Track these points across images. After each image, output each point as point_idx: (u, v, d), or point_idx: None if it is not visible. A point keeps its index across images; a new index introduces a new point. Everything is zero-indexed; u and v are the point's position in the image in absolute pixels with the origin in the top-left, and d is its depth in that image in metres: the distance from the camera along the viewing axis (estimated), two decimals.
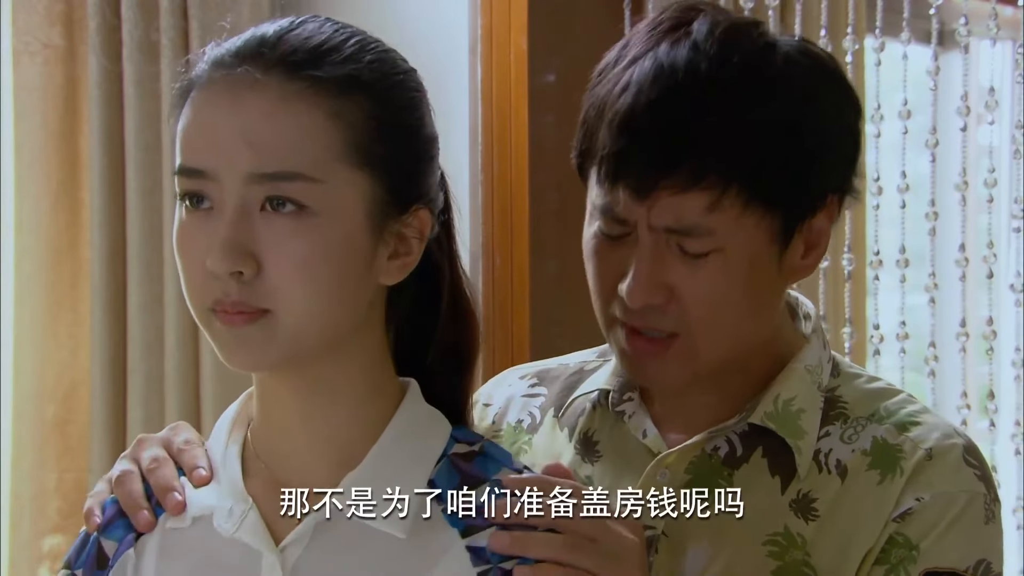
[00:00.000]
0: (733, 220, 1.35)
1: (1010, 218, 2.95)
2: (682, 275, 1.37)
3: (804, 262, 1.43)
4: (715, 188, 1.34)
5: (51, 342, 2.74)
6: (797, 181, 1.37)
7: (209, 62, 1.23)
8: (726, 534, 1.39)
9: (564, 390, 1.55)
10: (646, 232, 1.36)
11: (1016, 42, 3.07)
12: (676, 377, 1.41)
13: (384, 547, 1.22)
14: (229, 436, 1.30)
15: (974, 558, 1.36)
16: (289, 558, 1.22)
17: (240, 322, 1.19)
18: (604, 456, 1.48)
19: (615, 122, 1.36)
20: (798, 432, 1.41)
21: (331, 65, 1.20)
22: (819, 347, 1.47)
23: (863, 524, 1.38)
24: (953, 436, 1.42)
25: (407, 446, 1.25)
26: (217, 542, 1.25)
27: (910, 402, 1.45)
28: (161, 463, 1.30)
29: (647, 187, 1.34)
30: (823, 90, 1.40)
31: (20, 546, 2.71)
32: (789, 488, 1.40)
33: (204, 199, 1.20)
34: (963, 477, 1.39)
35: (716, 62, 1.35)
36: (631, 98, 1.35)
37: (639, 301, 1.37)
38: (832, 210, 1.42)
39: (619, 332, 1.41)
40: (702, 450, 1.43)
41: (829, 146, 1.39)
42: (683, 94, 1.34)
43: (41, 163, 2.72)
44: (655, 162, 1.34)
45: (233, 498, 1.25)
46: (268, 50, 1.20)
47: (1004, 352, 3.04)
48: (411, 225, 1.24)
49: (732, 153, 1.34)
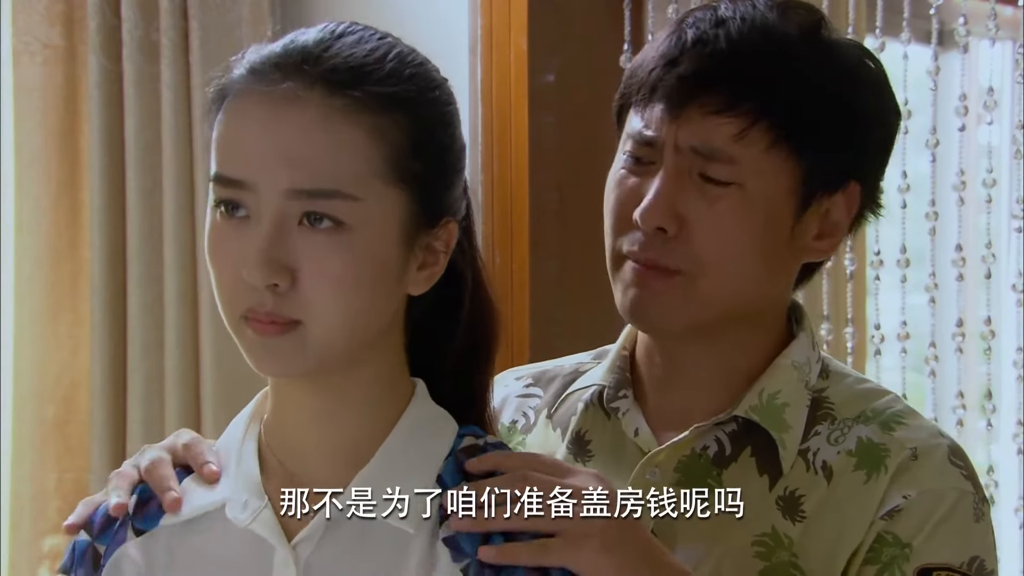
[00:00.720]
0: (758, 154, 1.37)
1: (1010, 218, 2.95)
2: (698, 207, 1.38)
3: (815, 244, 1.44)
4: (746, 117, 1.37)
5: (51, 342, 2.74)
6: (825, 140, 1.40)
7: (248, 69, 1.23)
8: (715, 535, 1.39)
9: (559, 391, 1.55)
10: (672, 152, 1.39)
11: (1015, 42, 3.08)
12: (674, 319, 1.41)
13: (395, 544, 1.23)
14: (246, 432, 1.31)
15: (967, 555, 1.37)
16: (301, 554, 1.23)
17: (272, 333, 1.20)
18: (596, 455, 1.48)
19: (662, 50, 1.41)
20: (782, 425, 1.42)
21: (373, 84, 1.21)
22: (807, 345, 1.47)
23: (849, 525, 1.38)
24: (938, 437, 1.42)
25: (416, 445, 1.26)
26: (227, 536, 1.25)
27: (897, 403, 1.46)
28: (158, 464, 1.30)
29: (681, 102, 1.38)
30: (868, 77, 1.44)
31: (20, 546, 2.71)
32: (776, 485, 1.40)
33: (239, 207, 1.21)
34: (949, 475, 1.39)
35: (773, 17, 1.40)
36: (680, 34, 1.41)
37: (652, 221, 1.39)
38: (852, 201, 1.44)
39: (625, 268, 1.42)
40: (692, 449, 1.43)
41: (861, 127, 1.42)
42: (733, 32, 1.39)
43: (41, 163, 2.72)
44: (693, 78, 1.37)
45: (248, 492, 1.26)
46: (311, 66, 1.21)
47: (1004, 352, 3.04)
48: (440, 237, 1.26)
49: (770, 89, 1.37)
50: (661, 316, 1.42)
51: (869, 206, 1.47)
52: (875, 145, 1.45)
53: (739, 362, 1.45)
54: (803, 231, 1.42)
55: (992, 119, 2.67)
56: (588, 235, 1.45)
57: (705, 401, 1.45)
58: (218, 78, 1.26)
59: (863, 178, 1.44)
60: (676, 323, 1.42)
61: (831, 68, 1.41)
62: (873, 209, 1.47)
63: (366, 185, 1.20)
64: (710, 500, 1.32)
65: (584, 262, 1.44)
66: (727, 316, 1.42)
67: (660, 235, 1.39)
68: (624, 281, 1.42)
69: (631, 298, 1.41)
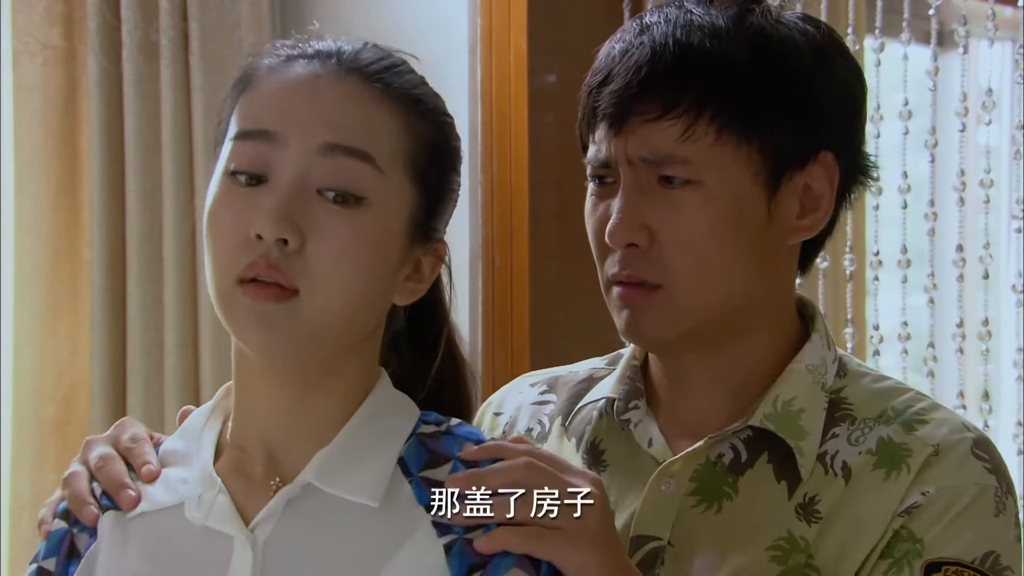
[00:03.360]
0: (707, 149, 1.36)
1: (1010, 219, 2.95)
2: (662, 214, 1.37)
3: (800, 223, 1.42)
4: (687, 116, 1.36)
5: (51, 343, 2.74)
6: (771, 118, 1.38)
7: (280, 56, 1.26)
8: (732, 542, 1.38)
9: (572, 398, 1.55)
10: (626, 167, 1.38)
11: (1015, 43, 3.08)
12: (665, 332, 1.40)
13: (355, 520, 1.23)
14: (205, 425, 1.31)
15: (981, 550, 1.35)
16: (260, 536, 1.23)
17: (267, 297, 1.19)
18: (611, 465, 1.47)
19: (595, 69, 1.42)
20: (799, 433, 1.40)
21: (403, 83, 1.25)
22: (821, 346, 1.46)
23: (867, 522, 1.37)
24: (962, 431, 1.40)
25: (377, 426, 1.26)
26: (186, 529, 1.25)
27: (919, 400, 1.44)
28: (108, 461, 1.31)
29: (620, 117, 1.37)
30: (812, 45, 1.41)
31: (20, 546, 2.71)
32: (796, 492, 1.39)
33: (256, 177, 1.20)
34: (971, 470, 1.37)
35: (699, 12, 1.39)
36: (609, 50, 1.42)
37: (621, 239, 1.38)
38: (831, 173, 1.42)
39: (613, 292, 1.42)
40: (707, 457, 1.42)
41: (815, 95, 1.40)
42: (657, 36, 1.39)
43: (41, 163, 2.72)
44: (625, 90, 1.37)
45: (203, 484, 1.26)
46: (347, 58, 1.24)
47: (1003, 352, 3.04)
48: (429, 255, 1.28)
49: (702, 83, 1.36)
50: (653, 331, 1.41)
51: (854, 173, 1.45)
52: (834, 108, 1.42)
53: (751, 367, 1.44)
54: (782, 212, 1.40)
55: (991, 120, 2.67)
56: (587, 235, 1.45)
57: (718, 408, 1.44)
58: (244, 66, 1.27)
59: (833, 145, 1.42)
60: (667, 336, 1.41)
61: (762, 45, 1.39)
62: (862, 175, 1.46)
63: (392, 166, 1.22)
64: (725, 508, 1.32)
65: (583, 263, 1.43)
66: (722, 321, 1.40)
67: (634, 251, 1.39)
68: (615, 304, 1.42)
69: (624, 319, 1.41)
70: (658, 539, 1.40)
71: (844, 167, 1.43)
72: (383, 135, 1.22)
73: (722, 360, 1.44)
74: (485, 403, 1.62)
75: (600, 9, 2.76)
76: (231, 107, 1.25)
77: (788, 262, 1.45)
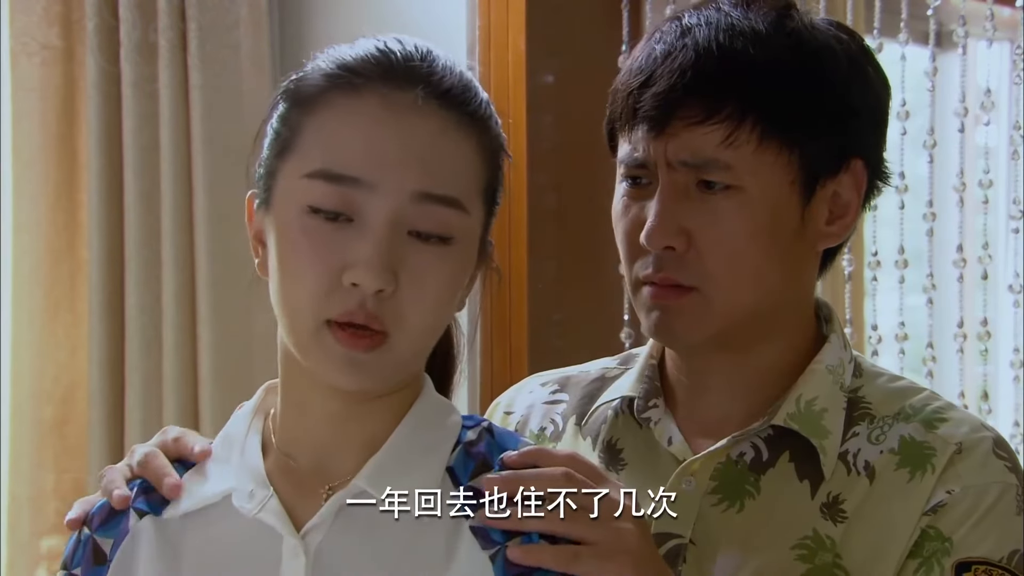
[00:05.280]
0: (750, 155, 1.37)
1: (1008, 219, 2.95)
2: (701, 218, 1.38)
3: (829, 229, 1.43)
4: (730, 121, 1.36)
5: (49, 343, 2.74)
6: (813, 125, 1.39)
7: (345, 69, 1.23)
8: (754, 540, 1.39)
9: (585, 397, 1.55)
10: (665, 170, 1.38)
11: (1013, 43, 3.08)
12: (696, 333, 1.41)
13: (407, 531, 1.22)
14: (249, 426, 1.31)
15: (1007, 549, 1.36)
16: (311, 543, 1.23)
17: (361, 347, 1.19)
18: (629, 464, 1.48)
19: (635, 69, 1.40)
20: (822, 432, 1.41)
21: (475, 104, 1.25)
22: (839, 347, 1.47)
23: (895, 523, 1.37)
24: (981, 430, 1.42)
25: (425, 435, 1.27)
26: (234, 526, 1.25)
27: (934, 399, 1.45)
28: (151, 457, 1.30)
29: (662, 120, 1.37)
30: (846, 52, 1.42)
31: (18, 547, 2.70)
32: (819, 492, 1.40)
33: (341, 215, 1.19)
34: (993, 469, 1.38)
35: (738, 15, 1.39)
36: (650, 51, 1.40)
37: (658, 242, 1.38)
38: (859, 179, 1.43)
39: (643, 292, 1.41)
40: (727, 456, 1.43)
41: (851, 104, 1.41)
42: (700, 39, 1.38)
43: (39, 164, 2.71)
44: (668, 93, 1.37)
45: (254, 483, 1.26)
46: (422, 78, 1.22)
47: (1002, 353, 3.04)
48: (483, 266, 1.29)
49: (746, 88, 1.36)
50: (684, 332, 1.41)
51: (876, 180, 1.47)
52: (867, 117, 1.44)
53: (771, 366, 1.45)
54: (813, 219, 1.42)
55: (990, 120, 2.67)
56: (586, 236, 1.45)
57: (739, 407, 1.44)
58: (294, 77, 1.25)
59: (864, 153, 1.43)
60: (699, 337, 1.41)
61: (803, 52, 1.39)
62: (881, 181, 1.47)
63: (473, 200, 1.24)
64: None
65: (582, 263, 1.43)
66: (751, 323, 1.41)
67: (670, 253, 1.39)
68: (645, 305, 1.42)
69: (654, 320, 1.41)
70: (679, 537, 1.40)
71: (870, 174, 1.45)
72: (470, 175, 1.23)
73: (745, 360, 1.44)
74: (494, 403, 1.63)
75: (599, 10, 2.76)
76: (292, 126, 1.23)
77: (812, 266, 1.47)
